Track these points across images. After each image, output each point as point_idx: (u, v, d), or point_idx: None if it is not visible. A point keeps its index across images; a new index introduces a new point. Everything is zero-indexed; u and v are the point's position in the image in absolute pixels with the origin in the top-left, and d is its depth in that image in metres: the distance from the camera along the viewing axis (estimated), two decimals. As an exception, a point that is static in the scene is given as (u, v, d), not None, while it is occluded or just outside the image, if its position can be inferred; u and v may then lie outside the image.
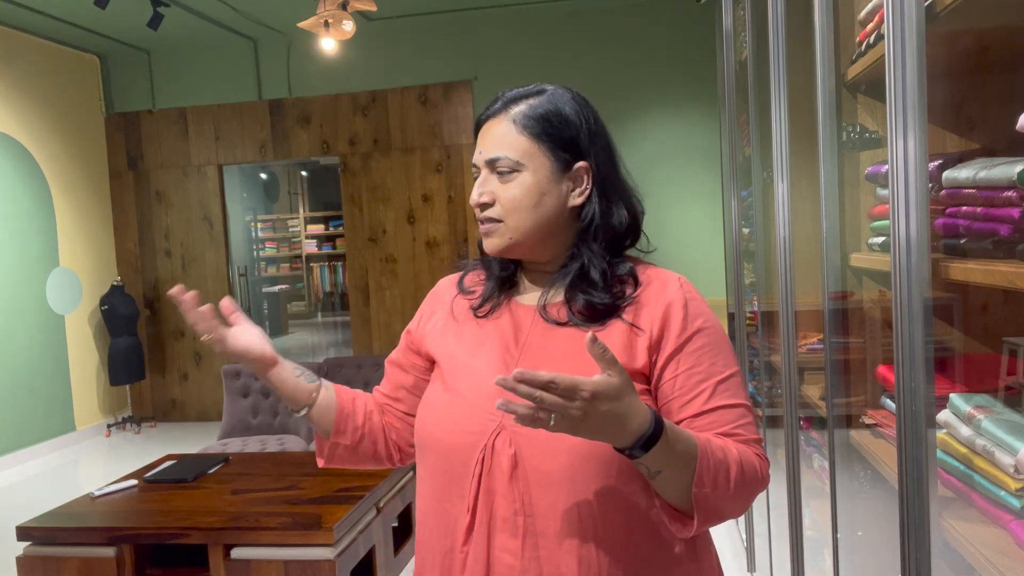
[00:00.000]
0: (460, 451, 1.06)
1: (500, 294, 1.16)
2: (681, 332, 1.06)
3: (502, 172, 1.09)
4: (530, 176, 1.08)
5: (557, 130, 1.10)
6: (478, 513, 1.04)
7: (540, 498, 1.01)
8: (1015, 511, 1.09)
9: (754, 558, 3.07)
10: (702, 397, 1.04)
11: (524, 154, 1.08)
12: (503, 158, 1.09)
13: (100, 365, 6.68)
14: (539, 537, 1.01)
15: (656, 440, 0.92)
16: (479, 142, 1.12)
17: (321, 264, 12.64)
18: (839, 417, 1.72)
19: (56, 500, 3.91)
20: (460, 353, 1.13)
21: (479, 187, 1.11)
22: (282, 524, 2.51)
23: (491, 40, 6.41)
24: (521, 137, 1.09)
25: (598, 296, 1.08)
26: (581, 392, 0.86)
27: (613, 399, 0.88)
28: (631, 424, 0.90)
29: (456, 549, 1.06)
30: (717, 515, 1.00)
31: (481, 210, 1.11)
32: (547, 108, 1.10)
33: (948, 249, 1.27)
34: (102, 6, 4.86)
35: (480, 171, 1.12)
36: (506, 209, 1.09)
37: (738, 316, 3.13)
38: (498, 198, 1.09)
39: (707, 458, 0.96)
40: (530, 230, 1.09)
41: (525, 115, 1.10)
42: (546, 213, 1.09)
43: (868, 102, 1.75)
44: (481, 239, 1.16)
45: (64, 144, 6.48)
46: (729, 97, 3.11)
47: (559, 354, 1.07)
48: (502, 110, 1.11)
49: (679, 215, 6.24)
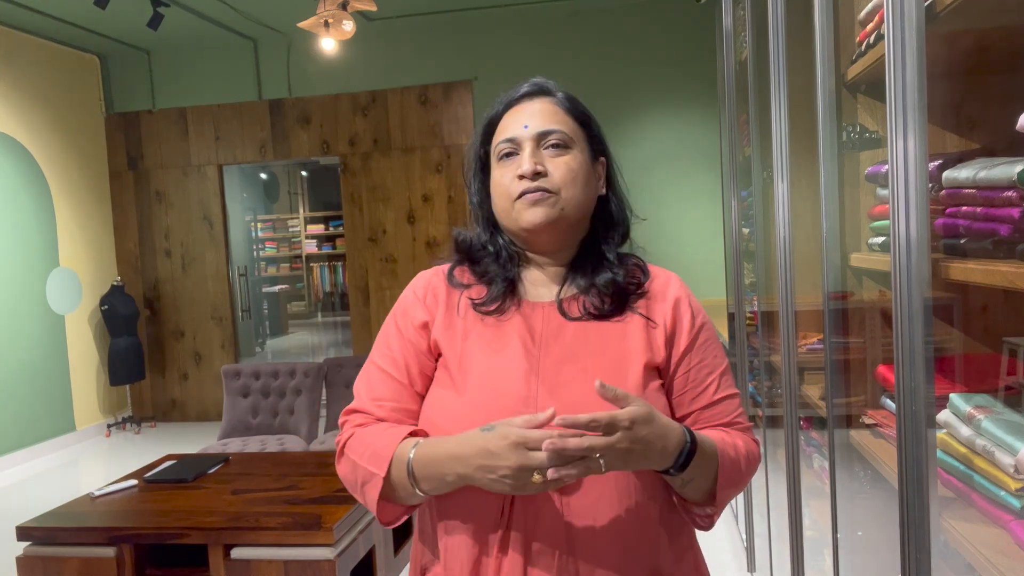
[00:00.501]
0: None
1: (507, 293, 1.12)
2: (691, 328, 1.11)
3: (555, 146, 1.09)
4: (579, 155, 1.10)
5: (591, 122, 1.14)
6: (513, 519, 1.01)
7: (578, 500, 1.01)
8: (1015, 511, 1.09)
9: (754, 558, 3.07)
10: (711, 389, 1.10)
11: (574, 133, 1.11)
12: (557, 131, 1.09)
13: (100, 365, 6.68)
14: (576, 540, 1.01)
15: (695, 453, 0.98)
16: (521, 117, 1.10)
17: (321, 264, 12.63)
18: (839, 417, 1.72)
19: (56, 500, 3.92)
20: (471, 354, 1.08)
21: (531, 156, 1.08)
22: (282, 524, 2.51)
23: (491, 40, 6.41)
24: (568, 118, 1.11)
25: (619, 275, 1.11)
26: (621, 422, 0.91)
27: (648, 422, 0.93)
28: (671, 442, 0.96)
29: (489, 557, 1.02)
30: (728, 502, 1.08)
31: (533, 179, 1.07)
32: (576, 100, 1.14)
33: (948, 249, 1.26)
34: (102, 6, 4.86)
35: (520, 147, 1.09)
36: (562, 180, 1.08)
37: (738, 316, 3.13)
38: (551, 169, 1.08)
39: (726, 458, 1.04)
40: (579, 206, 1.10)
41: (569, 99, 1.13)
42: (589, 194, 1.12)
43: (868, 102, 1.75)
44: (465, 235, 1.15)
45: (64, 144, 6.48)
46: (729, 97, 3.11)
47: (582, 351, 1.06)
48: (538, 94, 1.12)
49: (679, 215, 6.24)
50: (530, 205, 1.07)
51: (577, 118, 1.12)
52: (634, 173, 1.25)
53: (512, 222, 1.10)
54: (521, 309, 1.11)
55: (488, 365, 1.07)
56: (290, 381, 4.25)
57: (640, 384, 1.04)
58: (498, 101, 1.15)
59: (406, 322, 1.15)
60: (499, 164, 1.11)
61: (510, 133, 1.10)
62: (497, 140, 1.12)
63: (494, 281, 1.12)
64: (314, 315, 13.18)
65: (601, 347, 1.06)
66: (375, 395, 1.12)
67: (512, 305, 1.11)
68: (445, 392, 1.08)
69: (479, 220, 1.18)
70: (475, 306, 1.11)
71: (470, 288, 1.14)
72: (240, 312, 7.23)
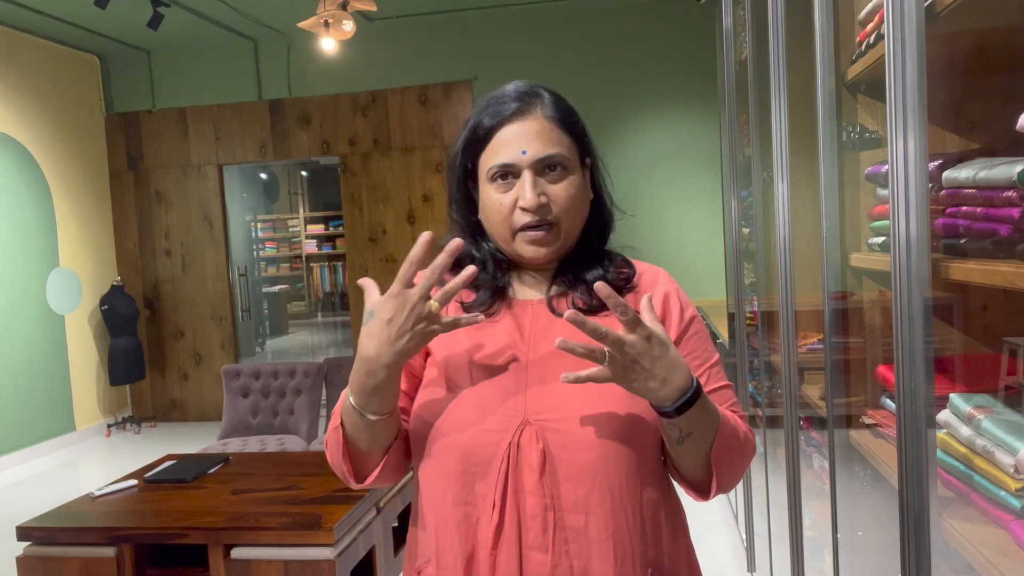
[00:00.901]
0: (481, 451, 1.02)
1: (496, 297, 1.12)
2: (680, 321, 1.10)
3: (553, 171, 1.05)
4: (577, 175, 1.08)
5: (577, 124, 1.10)
6: (507, 513, 1.00)
7: (570, 491, 1.00)
8: (1015, 511, 1.09)
9: (754, 558, 3.07)
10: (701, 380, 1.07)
11: (569, 151, 1.07)
12: (558, 156, 1.05)
13: (100, 365, 6.68)
14: (568, 531, 1.00)
15: (698, 397, 0.96)
16: (517, 140, 1.05)
17: (321, 264, 12.64)
18: (839, 417, 1.71)
19: (56, 500, 3.92)
20: (461, 354, 1.09)
21: (534, 188, 1.03)
22: (282, 524, 2.51)
23: (491, 40, 6.41)
24: (562, 134, 1.06)
25: (608, 272, 1.10)
26: (641, 330, 0.91)
27: (664, 345, 0.93)
28: (677, 376, 0.94)
29: (482, 553, 1.01)
30: (728, 479, 1.05)
31: (537, 213, 1.04)
32: (563, 103, 1.09)
33: (948, 249, 1.26)
34: (102, 6, 4.86)
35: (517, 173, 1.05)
36: (563, 210, 1.05)
37: (738, 316, 3.13)
38: (553, 199, 1.05)
39: (726, 421, 1.02)
40: (576, 229, 1.09)
41: (554, 109, 1.07)
42: (585, 210, 1.10)
43: (868, 102, 1.75)
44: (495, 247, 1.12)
45: (64, 144, 6.48)
46: (729, 97, 3.11)
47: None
48: (527, 109, 1.06)
49: (679, 215, 6.24)
50: (531, 242, 1.06)
51: (569, 130, 1.07)
52: (634, 173, 1.23)
53: (510, 248, 1.09)
54: (511, 309, 1.11)
55: (478, 364, 1.07)
56: (290, 381, 4.25)
57: None
58: (484, 109, 1.10)
59: None
60: (493, 184, 1.07)
61: (506, 158, 1.05)
62: (490, 160, 1.07)
63: (482, 287, 1.12)
64: (314, 315, 13.18)
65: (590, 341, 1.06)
66: None
67: (502, 306, 1.12)
68: (434, 390, 1.09)
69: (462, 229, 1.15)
70: (465, 309, 1.12)
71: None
72: (240, 312, 7.23)
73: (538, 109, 1.07)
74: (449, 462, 1.04)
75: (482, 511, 1.02)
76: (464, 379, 1.07)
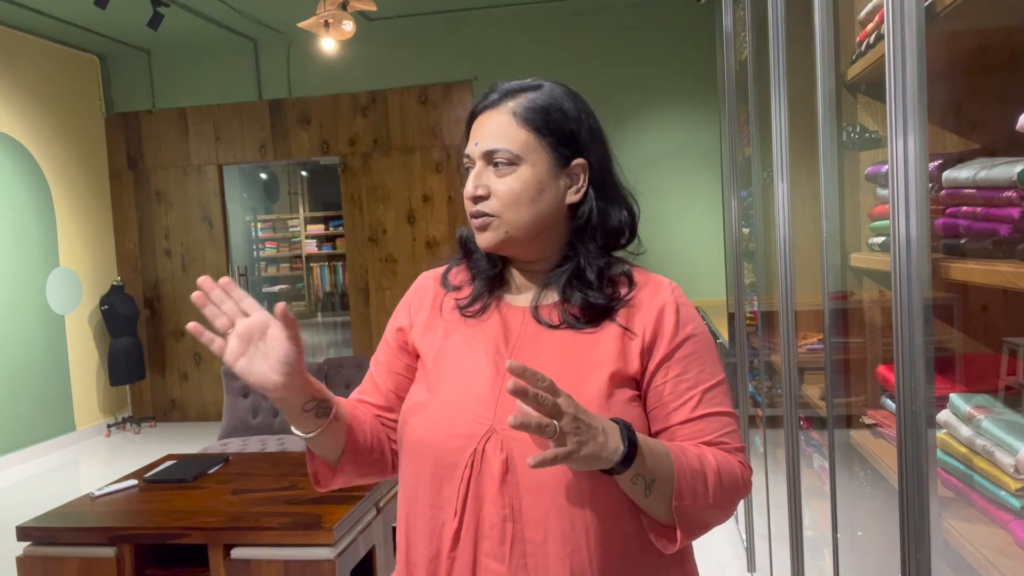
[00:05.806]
0: (448, 455, 1.03)
1: (490, 293, 1.13)
2: (672, 337, 1.06)
3: (499, 164, 1.07)
4: (529, 170, 1.06)
5: (558, 124, 1.08)
6: (466, 518, 1.01)
7: (531, 505, 0.99)
8: (1015, 511, 1.09)
9: (754, 558, 3.07)
10: (689, 405, 1.04)
11: (524, 147, 1.06)
12: (502, 150, 1.06)
13: (100, 365, 6.68)
14: (527, 544, 0.99)
15: (636, 444, 0.93)
16: (474, 133, 1.10)
17: (321, 264, 12.63)
18: (839, 417, 1.72)
19: (56, 500, 3.91)
20: (447, 353, 1.10)
21: (474, 179, 1.08)
22: (282, 524, 2.51)
23: (491, 40, 6.41)
24: (521, 130, 1.07)
25: (594, 295, 1.07)
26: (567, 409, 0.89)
27: (582, 410, 0.91)
28: (612, 432, 0.93)
29: (443, 555, 1.03)
30: (701, 525, 1.01)
31: (475, 203, 1.08)
32: (548, 102, 1.08)
33: (948, 249, 1.26)
34: (102, 6, 4.86)
35: (474, 163, 1.09)
36: (503, 203, 1.06)
37: (738, 316, 3.13)
38: (494, 192, 1.07)
39: (683, 469, 0.98)
40: (526, 226, 1.07)
41: (526, 107, 1.08)
42: (544, 209, 1.08)
43: (868, 102, 1.75)
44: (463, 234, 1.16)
45: (64, 144, 6.48)
46: (729, 97, 3.11)
47: (550, 358, 1.05)
48: (500, 102, 1.09)
49: (679, 215, 6.24)
50: (477, 229, 1.10)
51: (535, 128, 1.07)
52: (634, 173, 1.22)
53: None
54: (501, 311, 1.12)
55: (459, 365, 1.09)
56: (290, 381, 4.24)
57: (603, 394, 1.01)
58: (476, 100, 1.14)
59: (391, 325, 1.22)
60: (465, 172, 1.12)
61: (467, 148, 1.11)
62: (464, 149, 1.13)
63: (477, 278, 1.15)
64: (314, 315, 13.17)
65: (571, 354, 1.05)
66: (357, 390, 1.23)
67: (493, 307, 1.12)
68: (420, 389, 1.11)
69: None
70: (459, 307, 1.13)
71: (460, 289, 1.17)
72: (240, 312, 7.21)
73: (509, 103, 1.08)
74: (422, 463, 1.06)
75: (447, 514, 1.03)
76: (444, 381, 1.08)
